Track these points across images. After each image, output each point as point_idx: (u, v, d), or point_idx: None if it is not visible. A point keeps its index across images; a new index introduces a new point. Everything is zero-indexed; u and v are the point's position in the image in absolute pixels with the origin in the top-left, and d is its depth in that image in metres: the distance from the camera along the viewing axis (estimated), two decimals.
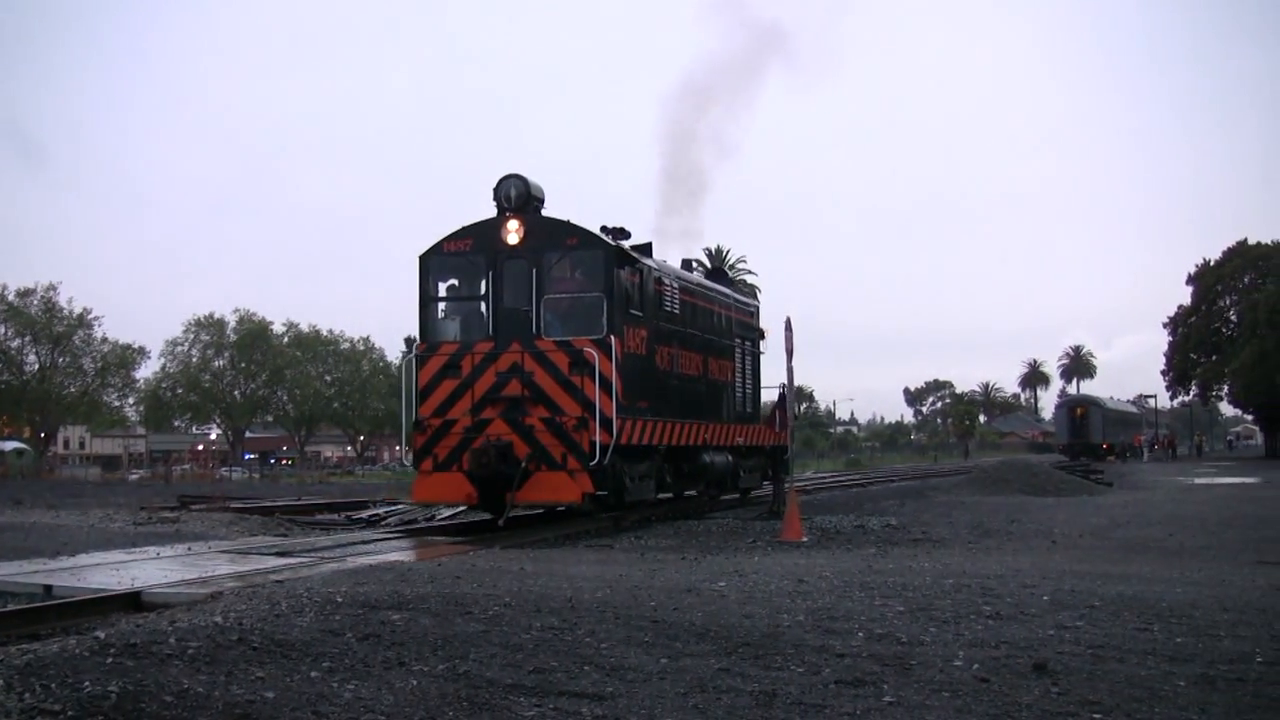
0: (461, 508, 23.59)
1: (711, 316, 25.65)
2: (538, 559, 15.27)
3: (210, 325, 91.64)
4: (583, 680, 7.45)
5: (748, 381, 28.28)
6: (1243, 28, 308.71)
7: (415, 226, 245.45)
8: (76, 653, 7.53)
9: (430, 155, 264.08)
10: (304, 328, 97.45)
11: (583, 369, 19.46)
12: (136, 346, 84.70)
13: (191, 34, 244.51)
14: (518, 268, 20.34)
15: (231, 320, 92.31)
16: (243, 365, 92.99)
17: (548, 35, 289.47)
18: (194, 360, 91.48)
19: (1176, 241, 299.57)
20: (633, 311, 20.93)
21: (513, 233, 20.31)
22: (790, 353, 21.47)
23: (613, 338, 19.70)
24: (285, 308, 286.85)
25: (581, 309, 20.27)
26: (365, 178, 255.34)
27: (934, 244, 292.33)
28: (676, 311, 23.32)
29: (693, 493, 25.87)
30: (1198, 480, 43.45)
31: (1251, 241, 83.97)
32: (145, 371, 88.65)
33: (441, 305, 21.38)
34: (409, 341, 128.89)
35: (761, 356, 29.58)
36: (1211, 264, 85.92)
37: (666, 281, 22.94)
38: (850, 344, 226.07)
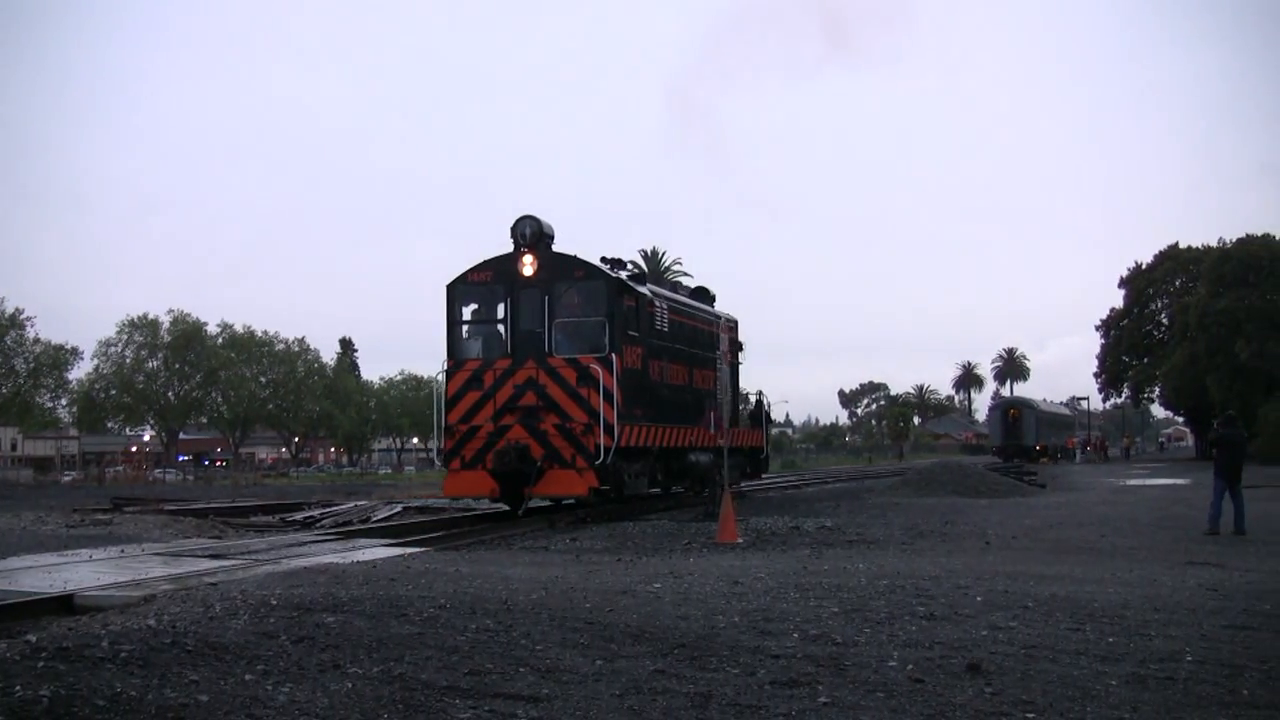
0: (398, 508, 26.75)
1: (695, 333, 28.27)
2: (473, 560, 15.27)
3: (144, 326, 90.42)
4: (518, 682, 7.46)
5: (728, 389, 29.51)
6: (1173, 33, 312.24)
7: (350, 226, 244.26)
8: (7, 656, 7.46)
9: (364, 155, 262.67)
10: (238, 328, 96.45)
11: (589, 382, 22.34)
12: (69, 347, 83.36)
13: (124, 33, 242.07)
14: (532, 295, 23.24)
15: (165, 321, 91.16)
16: (177, 366, 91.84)
17: (478, 36, 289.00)
18: (127, 361, 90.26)
19: (1109, 245, 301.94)
20: (630, 332, 23.86)
21: (528, 265, 23.27)
22: (723, 355, 22.56)
23: (614, 355, 22.72)
24: (220, 308, 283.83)
25: (587, 331, 23.32)
26: (299, 178, 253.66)
27: (868, 245, 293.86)
28: (666, 330, 26.34)
29: (680, 489, 29.03)
30: (1130, 482, 43.83)
31: (1182, 245, 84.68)
32: (78, 372, 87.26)
33: (466, 327, 24.42)
34: (344, 343, 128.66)
35: (740, 366, 32.52)
36: (1143, 267, 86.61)
37: (658, 304, 26.02)
38: (784, 345, 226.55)
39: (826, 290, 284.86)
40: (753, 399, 34.22)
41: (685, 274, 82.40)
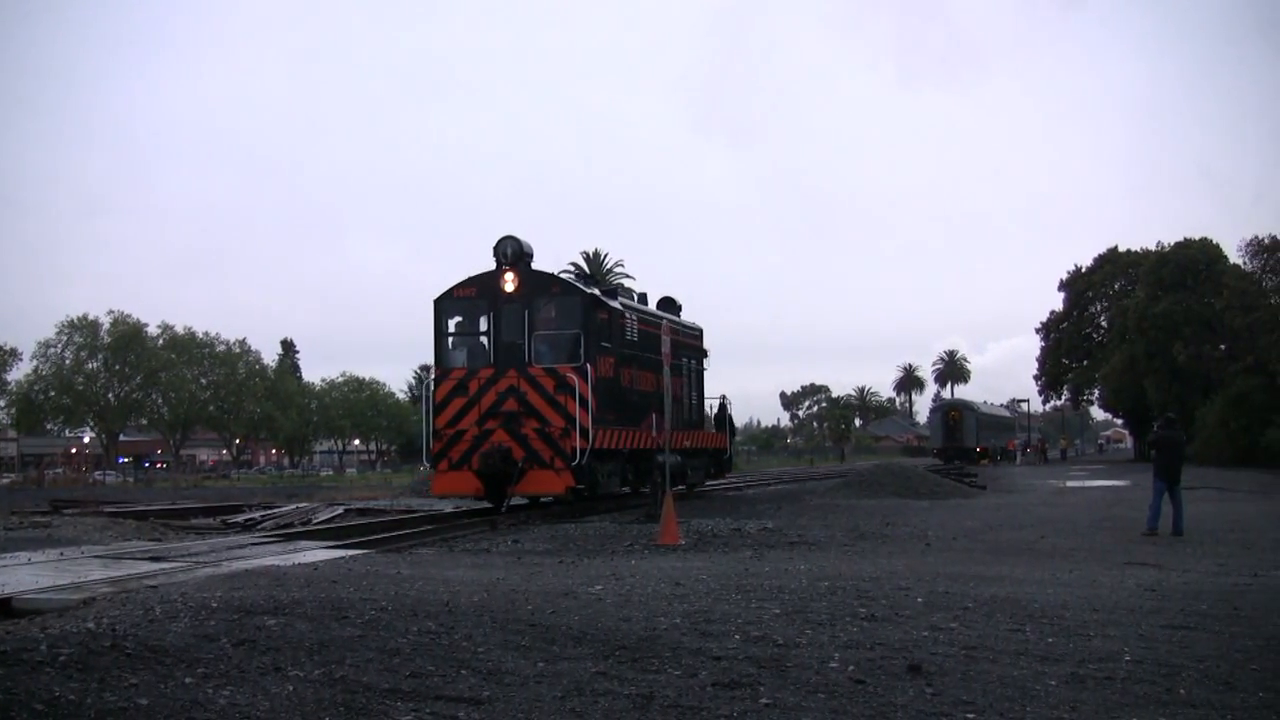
0: (340, 510, 27.44)
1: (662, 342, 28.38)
2: (415, 562, 15.23)
3: (83, 327, 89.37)
4: (460, 684, 7.45)
5: (693, 394, 33.44)
6: (1114, 40, 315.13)
7: (292, 227, 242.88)
8: None
9: (305, 154, 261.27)
10: (179, 329, 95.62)
11: (566, 390, 24.01)
12: (8, 348, 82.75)
13: (65, 30, 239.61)
14: (513, 310, 25.05)
15: (105, 322, 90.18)
16: (117, 367, 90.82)
17: (422, 33, 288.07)
18: (67, 362, 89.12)
19: (1049, 248, 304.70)
20: (603, 343, 25.67)
21: (509, 282, 25.04)
22: (667, 357, 22.74)
23: (588, 365, 24.38)
24: (160, 309, 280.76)
25: (564, 343, 25.09)
26: (239, 178, 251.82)
27: (810, 247, 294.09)
28: (635, 340, 28.10)
29: (648, 488, 28.81)
30: (1069, 483, 44.08)
31: (1122, 249, 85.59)
32: (17, 374, 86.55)
33: (451, 339, 26.16)
34: (285, 344, 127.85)
35: (705, 373, 34.59)
36: (1083, 271, 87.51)
37: (628, 316, 27.97)
38: (725, 346, 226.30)
39: (768, 291, 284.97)
40: (715, 403, 35.51)
41: (628, 276, 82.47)
